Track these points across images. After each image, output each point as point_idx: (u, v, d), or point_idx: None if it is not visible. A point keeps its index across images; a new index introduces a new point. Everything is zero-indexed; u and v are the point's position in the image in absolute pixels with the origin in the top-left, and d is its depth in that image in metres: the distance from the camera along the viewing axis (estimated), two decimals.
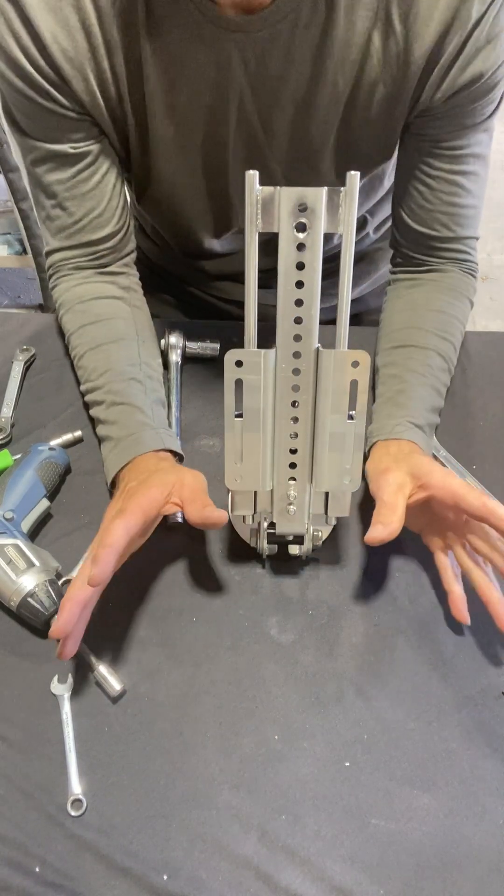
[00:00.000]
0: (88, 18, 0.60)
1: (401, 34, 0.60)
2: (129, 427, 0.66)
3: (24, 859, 0.49)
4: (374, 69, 0.63)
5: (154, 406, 0.69)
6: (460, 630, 0.61)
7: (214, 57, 0.62)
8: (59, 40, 0.60)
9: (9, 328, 0.90)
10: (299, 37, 0.61)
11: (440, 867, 0.49)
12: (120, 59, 0.63)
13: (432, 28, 0.59)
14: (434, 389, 0.71)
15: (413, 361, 0.71)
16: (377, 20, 0.60)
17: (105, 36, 0.61)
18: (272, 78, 0.64)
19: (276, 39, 0.61)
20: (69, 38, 0.60)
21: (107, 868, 0.48)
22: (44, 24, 0.59)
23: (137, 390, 0.70)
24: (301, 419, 0.55)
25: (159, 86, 0.65)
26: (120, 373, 0.71)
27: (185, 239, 0.86)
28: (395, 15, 0.59)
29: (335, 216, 0.48)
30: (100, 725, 0.55)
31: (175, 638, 0.60)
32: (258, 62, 0.62)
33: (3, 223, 2.05)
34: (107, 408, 0.69)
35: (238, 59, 0.62)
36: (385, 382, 0.72)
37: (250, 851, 0.49)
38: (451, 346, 0.74)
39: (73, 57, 0.61)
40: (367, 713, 0.56)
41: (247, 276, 0.50)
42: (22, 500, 0.64)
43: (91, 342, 0.74)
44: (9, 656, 0.59)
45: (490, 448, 0.76)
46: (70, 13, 0.59)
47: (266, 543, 0.63)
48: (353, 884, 0.48)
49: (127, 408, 0.68)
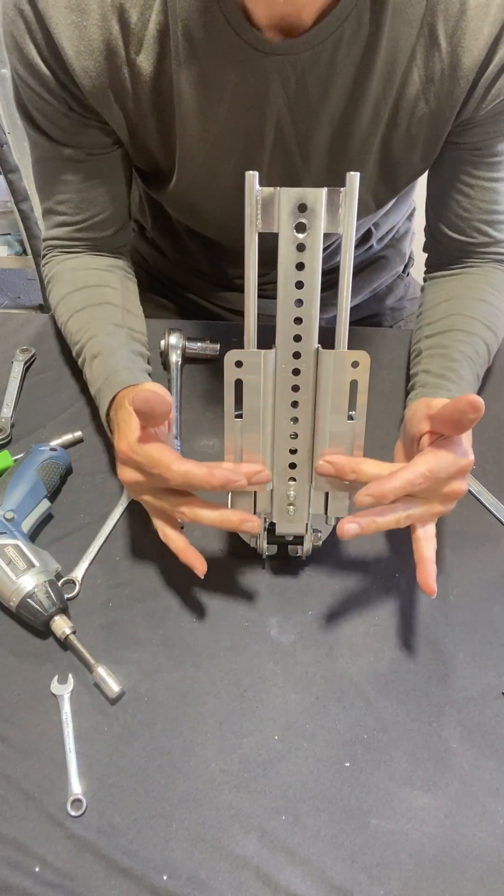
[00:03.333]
0: (114, 40, 0.59)
1: (446, 50, 0.59)
2: (106, 373, 0.65)
3: (24, 859, 0.49)
4: (415, 86, 0.62)
5: (131, 355, 0.68)
6: (460, 630, 0.61)
7: (253, 81, 0.60)
8: (81, 58, 0.59)
9: (9, 328, 0.90)
10: (341, 57, 0.59)
11: (440, 867, 0.49)
12: (147, 82, 0.62)
13: (482, 41, 0.58)
14: (477, 377, 0.69)
15: (461, 344, 0.69)
16: (420, 37, 0.59)
17: (130, 57, 0.60)
18: (312, 99, 0.62)
19: (318, 60, 0.59)
20: (91, 56, 0.59)
21: (107, 868, 0.48)
22: (67, 41, 0.58)
23: (115, 342, 0.69)
24: (301, 419, 0.55)
25: (193, 110, 0.63)
26: (101, 330, 0.70)
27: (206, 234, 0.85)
28: (440, 31, 0.58)
29: (335, 216, 0.48)
30: (100, 725, 0.55)
31: (175, 638, 0.60)
32: (298, 84, 0.61)
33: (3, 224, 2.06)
34: (90, 364, 0.69)
35: (277, 81, 0.60)
36: (431, 361, 0.68)
37: (250, 851, 0.49)
38: (495, 337, 0.72)
39: (95, 76, 0.60)
40: (367, 713, 0.56)
41: (246, 276, 0.50)
42: (23, 500, 0.64)
43: (77, 305, 0.73)
44: (9, 656, 0.59)
45: (490, 448, 0.76)
46: (95, 33, 0.58)
47: (266, 543, 0.63)
48: (353, 884, 0.48)
49: (103, 358, 0.67)
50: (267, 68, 0.60)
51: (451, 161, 0.70)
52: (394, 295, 1.06)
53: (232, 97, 0.62)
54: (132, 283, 0.80)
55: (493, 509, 0.70)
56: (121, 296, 0.75)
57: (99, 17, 0.58)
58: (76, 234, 0.75)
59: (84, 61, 0.60)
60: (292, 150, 0.67)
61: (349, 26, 0.57)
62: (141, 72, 0.61)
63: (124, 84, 0.62)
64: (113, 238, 0.76)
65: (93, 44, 0.59)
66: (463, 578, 0.64)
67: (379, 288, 1.03)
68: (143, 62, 0.61)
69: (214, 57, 0.59)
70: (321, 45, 0.58)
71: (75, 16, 0.57)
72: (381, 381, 0.81)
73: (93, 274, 0.76)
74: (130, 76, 0.62)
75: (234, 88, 0.61)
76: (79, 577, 0.64)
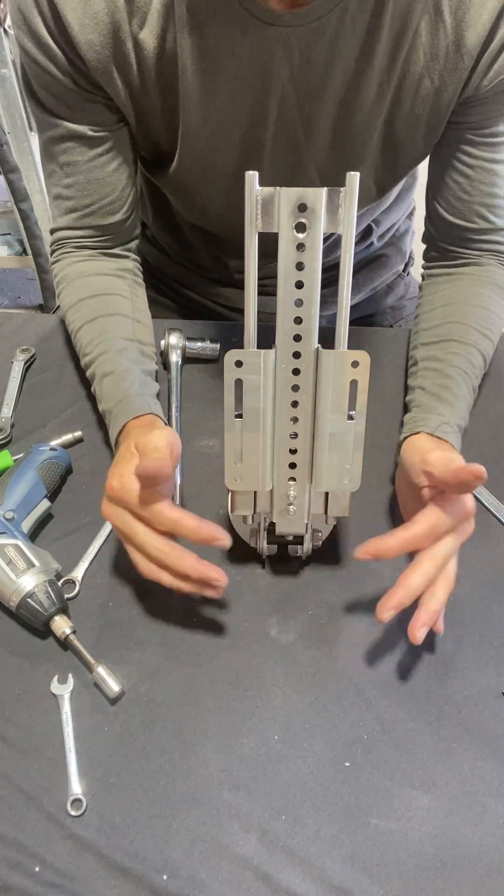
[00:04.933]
0: (118, 13, 0.59)
1: (451, 25, 0.59)
2: (118, 396, 0.66)
3: (24, 859, 0.49)
4: (419, 62, 0.62)
5: (142, 376, 0.69)
6: (460, 630, 0.61)
7: (257, 52, 0.60)
8: (86, 31, 0.59)
9: (9, 328, 0.90)
10: (346, 30, 0.59)
11: (440, 867, 0.49)
12: (150, 57, 0.62)
13: (486, 16, 0.58)
14: (473, 389, 0.70)
15: (456, 357, 0.70)
16: (425, 12, 0.59)
17: (134, 30, 0.60)
18: (316, 74, 0.62)
19: (322, 33, 0.59)
20: (96, 30, 0.60)
21: (107, 868, 0.48)
22: (72, 13, 0.58)
23: (127, 360, 0.69)
24: (301, 419, 0.55)
25: (196, 85, 0.63)
26: (112, 344, 0.71)
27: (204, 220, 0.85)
28: (444, 5, 0.58)
29: (335, 216, 0.48)
30: (100, 725, 0.55)
31: (175, 638, 0.60)
32: (302, 56, 0.61)
33: (3, 223, 2.06)
34: (99, 381, 0.70)
35: (282, 53, 0.60)
36: (426, 376, 0.70)
37: (250, 851, 0.49)
38: (490, 343, 0.73)
39: (99, 50, 0.61)
40: (367, 713, 0.56)
41: (246, 276, 0.50)
42: (23, 500, 0.64)
43: (88, 315, 0.73)
44: (9, 656, 0.59)
45: (490, 448, 0.76)
46: (100, 6, 0.59)
47: (266, 543, 0.63)
48: (353, 884, 0.48)
49: (115, 377, 0.68)
50: (271, 40, 0.59)
51: (452, 141, 0.70)
52: (394, 294, 1.06)
53: (235, 71, 0.62)
54: (141, 287, 0.80)
55: (493, 509, 0.70)
56: (130, 305, 0.75)
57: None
58: (84, 222, 0.74)
59: (88, 35, 0.60)
60: (295, 128, 0.67)
61: (353, 3, 0.57)
62: (145, 46, 0.61)
63: (128, 59, 0.62)
64: (121, 226, 0.75)
65: (98, 17, 0.59)
66: (463, 578, 0.64)
67: (379, 286, 1.03)
68: (147, 37, 0.61)
69: (217, 27, 0.59)
70: (326, 16, 0.58)
71: None
72: (381, 381, 0.81)
73: (103, 280, 0.76)
74: (135, 51, 0.62)
75: (238, 61, 0.61)
76: (79, 577, 0.64)
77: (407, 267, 1.07)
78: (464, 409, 0.67)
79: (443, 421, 0.64)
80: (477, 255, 0.76)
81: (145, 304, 0.79)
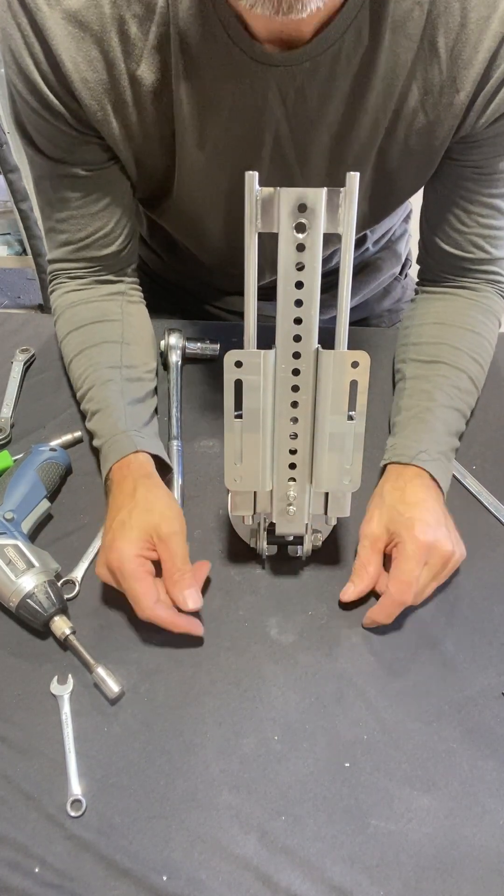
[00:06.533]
0: (112, 51, 0.58)
1: (446, 62, 0.59)
2: (104, 435, 0.67)
3: (24, 860, 0.49)
4: (414, 98, 0.62)
5: (128, 407, 0.69)
6: (460, 630, 0.61)
7: (251, 92, 0.60)
8: (80, 70, 0.59)
9: (9, 328, 0.90)
10: (340, 70, 0.59)
11: (440, 867, 0.49)
12: (147, 93, 0.61)
13: (481, 55, 0.58)
14: (460, 413, 0.71)
15: (444, 381, 0.71)
16: (420, 50, 0.59)
17: (129, 69, 0.60)
18: (311, 111, 0.62)
19: (317, 72, 0.59)
20: (90, 68, 0.59)
21: (106, 868, 0.48)
22: (66, 53, 0.58)
23: (113, 393, 0.70)
24: (301, 420, 0.55)
25: (191, 121, 0.63)
26: (98, 377, 0.71)
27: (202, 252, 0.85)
28: (440, 43, 0.58)
29: (335, 217, 0.48)
30: (99, 725, 0.55)
31: (175, 638, 0.60)
32: (297, 95, 0.61)
33: (3, 223, 2.06)
34: (90, 419, 0.70)
35: (276, 93, 0.60)
36: (413, 396, 0.71)
37: (250, 852, 0.49)
38: (480, 369, 0.74)
39: (94, 88, 0.60)
40: (367, 713, 0.56)
41: (246, 276, 0.50)
42: (22, 500, 0.64)
43: (76, 348, 0.74)
44: (9, 656, 0.59)
45: (490, 448, 0.76)
46: (91, 46, 0.58)
47: (266, 544, 0.63)
48: (353, 884, 0.48)
49: (102, 415, 0.69)
50: (266, 80, 0.59)
51: (452, 177, 0.70)
52: (391, 297, 1.06)
53: (230, 108, 0.62)
54: (135, 305, 0.79)
55: (493, 509, 0.70)
56: (121, 328, 0.75)
57: (98, 28, 0.57)
58: (78, 255, 0.74)
59: (83, 73, 0.59)
60: (290, 163, 0.67)
61: (348, 39, 0.57)
62: (142, 83, 0.61)
63: (124, 96, 0.61)
64: (117, 257, 0.75)
65: (91, 55, 0.58)
66: (463, 578, 0.64)
67: (375, 290, 1.03)
68: (144, 74, 0.60)
69: (213, 68, 0.59)
70: (320, 56, 0.58)
71: (74, 28, 0.57)
72: (381, 381, 0.81)
73: (91, 308, 0.76)
74: (131, 88, 0.61)
75: (233, 99, 0.61)
76: (79, 577, 0.64)
77: (404, 269, 1.07)
78: (446, 432, 0.69)
79: (420, 450, 0.66)
80: (473, 282, 0.77)
81: (141, 319, 0.78)
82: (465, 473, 0.73)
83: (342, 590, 0.61)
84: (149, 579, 0.58)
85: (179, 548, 0.59)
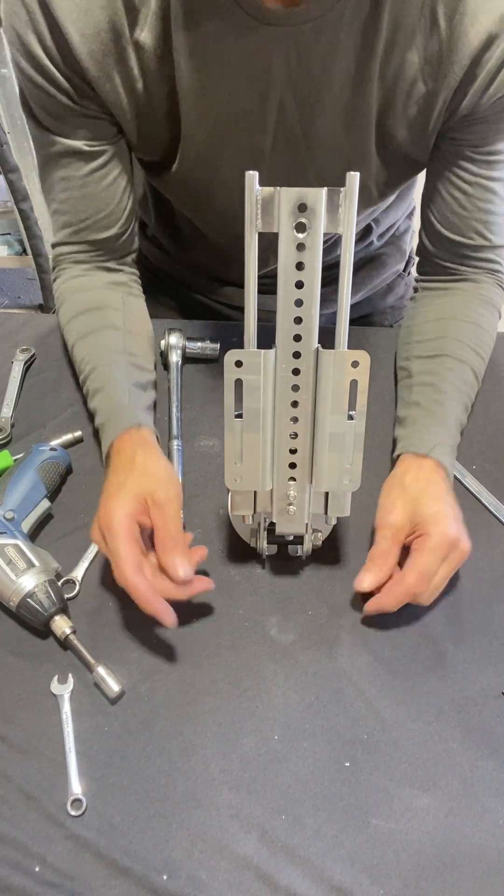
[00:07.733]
0: (119, 19, 0.59)
1: (445, 32, 0.59)
2: (107, 412, 0.67)
3: (24, 859, 0.49)
4: (414, 65, 0.62)
5: (132, 388, 0.70)
6: (460, 630, 0.61)
7: (253, 53, 0.60)
8: (87, 41, 0.59)
9: (9, 328, 0.90)
10: (343, 31, 0.59)
11: (440, 867, 0.49)
12: (150, 59, 0.62)
13: (479, 28, 0.58)
14: (465, 407, 0.71)
15: (451, 374, 0.71)
16: (422, 16, 0.59)
17: (134, 35, 0.60)
18: (315, 78, 0.62)
19: (319, 34, 0.59)
20: (97, 38, 0.59)
21: (107, 868, 0.48)
22: (72, 25, 0.58)
23: (117, 372, 0.70)
24: (301, 419, 0.55)
25: (193, 85, 0.63)
26: (102, 360, 0.71)
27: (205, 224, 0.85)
28: (440, 12, 0.59)
29: (335, 216, 0.48)
30: (100, 725, 0.55)
31: (175, 638, 0.60)
32: (300, 60, 0.61)
33: (3, 223, 2.06)
34: (92, 398, 0.71)
35: (279, 57, 0.60)
36: (422, 391, 0.71)
37: (250, 851, 0.49)
38: (482, 361, 0.74)
39: (101, 59, 0.61)
40: (366, 713, 0.56)
41: (246, 276, 0.50)
42: (23, 500, 0.64)
43: (80, 332, 0.74)
44: (9, 656, 0.59)
45: (490, 448, 0.76)
46: (100, 13, 0.58)
47: (266, 543, 0.63)
48: (353, 884, 0.48)
49: (104, 393, 0.69)
50: (267, 40, 0.59)
51: (450, 156, 0.70)
52: (394, 293, 1.06)
53: (232, 72, 0.62)
54: (136, 297, 0.80)
55: (493, 509, 0.70)
56: (122, 317, 0.75)
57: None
58: (79, 237, 0.75)
59: (90, 44, 0.60)
60: (296, 135, 0.67)
61: (350, 4, 0.57)
62: (145, 47, 0.61)
63: (129, 63, 0.62)
64: (116, 241, 0.76)
65: (98, 25, 0.59)
66: (463, 578, 0.64)
67: (379, 286, 1.03)
68: (146, 38, 0.61)
69: (212, 25, 0.59)
70: (322, 18, 0.58)
71: None
72: (381, 381, 0.81)
73: (95, 294, 0.76)
74: (136, 54, 0.62)
75: (236, 64, 0.61)
76: (79, 577, 0.64)
77: (408, 266, 1.07)
78: (456, 425, 0.69)
79: (436, 442, 0.65)
80: (472, 273, 0.77)
81: (141, 314, 0.79)
82: (465, 473, 0.73)
83: (357, 578, 0.59)
84: (135, 544, 0.56)
85: (174, 514, 0.58)
